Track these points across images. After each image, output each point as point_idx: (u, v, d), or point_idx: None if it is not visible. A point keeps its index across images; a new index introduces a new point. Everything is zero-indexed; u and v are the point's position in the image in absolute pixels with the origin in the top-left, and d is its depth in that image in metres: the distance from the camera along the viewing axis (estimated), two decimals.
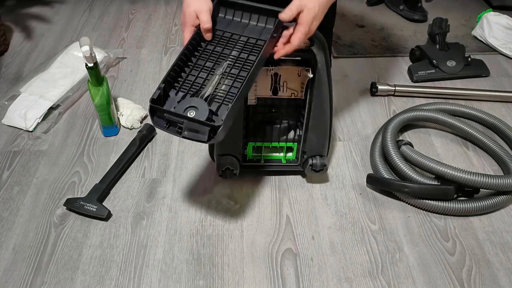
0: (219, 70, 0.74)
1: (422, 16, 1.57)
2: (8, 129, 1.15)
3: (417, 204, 0.93)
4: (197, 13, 0.78)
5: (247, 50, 0.76)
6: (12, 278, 0.83)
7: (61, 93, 1.21)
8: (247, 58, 0.75)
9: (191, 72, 0.75)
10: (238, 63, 0.75)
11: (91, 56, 0.98)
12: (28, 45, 1.48)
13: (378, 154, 1.02)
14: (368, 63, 1.38)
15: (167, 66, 1.36)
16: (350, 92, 1.26)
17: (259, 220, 0.92)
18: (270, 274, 0.83)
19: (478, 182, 0.88)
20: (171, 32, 1.54)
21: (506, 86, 1.28)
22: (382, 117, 1.17)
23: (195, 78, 0.74)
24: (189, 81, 0.74)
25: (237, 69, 0.74)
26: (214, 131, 0.67)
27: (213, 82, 0.73)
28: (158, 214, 0.94)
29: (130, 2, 1.72)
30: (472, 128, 1.04)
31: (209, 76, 0.74)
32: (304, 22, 0.73)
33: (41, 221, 0.93)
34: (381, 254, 0.86)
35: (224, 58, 0.76)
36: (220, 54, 0.76)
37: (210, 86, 0.73)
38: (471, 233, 0.90)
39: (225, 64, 0.75)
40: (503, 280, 0.82)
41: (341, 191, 0.98)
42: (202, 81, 0.74)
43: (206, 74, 0.74)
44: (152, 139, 1.11)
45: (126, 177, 1.02)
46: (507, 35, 1.42)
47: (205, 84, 0.73)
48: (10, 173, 1.03)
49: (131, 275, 0.83)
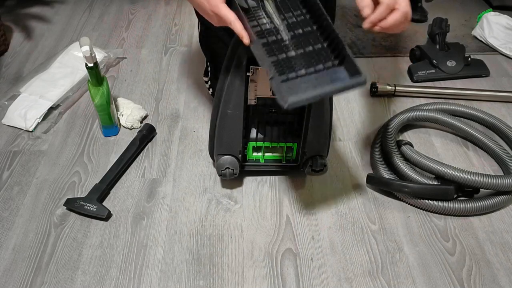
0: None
1: (422, 16, 1.57)
2: (8, 129, 1.15)
3: (417, 204, 0.93)
4: (213, 10, 0.70)
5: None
6: (12, 278, 0.83)
7: (61, 93, 1.21)
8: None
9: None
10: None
11: (91, 56, 0.98)
12: (28, 45, 1.48)
13: (378, 154, 1.02)
14: (368, 63, 1.38)
15: (167, 66, 1.37)
16: (350, 92, 1.26)
17: (259, 220, 0.92)
18: (270, 274, 0.83)
19: (478, 182, 0.88)
20: (171, 32, 1.54)
21: (506, 86, 1.28)
22: (382, 117, 1.17)
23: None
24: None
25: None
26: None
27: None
28: (158, 214, 0.94)
29: (130, 2, 1.72)
30: (472, 128, 1.04)
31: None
32: (401, 6, 0.68)
33: (41, 221, 0.93)
34: (381, 254, 0.86)
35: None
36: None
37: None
38: (471, 233, 0.90)
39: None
40: (503, 280, 0.82)
41: (341, 191, 0.98)
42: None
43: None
44: (152, 139, 1.11)
45: (126, 177, 1.02)
46: (507, 35, 1.42)
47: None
48: (10, 173, 1.03)
49: (131, 275, 0.83)
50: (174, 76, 1.33)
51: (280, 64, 0.70)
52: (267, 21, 0.73)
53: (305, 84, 0.69)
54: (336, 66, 0.70)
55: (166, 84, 1.30)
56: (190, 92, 1.26)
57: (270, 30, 0.73)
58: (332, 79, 0.69)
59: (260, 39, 0.71)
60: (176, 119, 1.17)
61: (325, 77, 0.69)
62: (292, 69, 0.69)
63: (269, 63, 0.69)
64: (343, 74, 0.69)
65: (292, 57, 0.71)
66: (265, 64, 0.69)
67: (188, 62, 1.39)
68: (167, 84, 1.29)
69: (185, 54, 1.42)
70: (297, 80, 0.69)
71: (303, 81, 0.69)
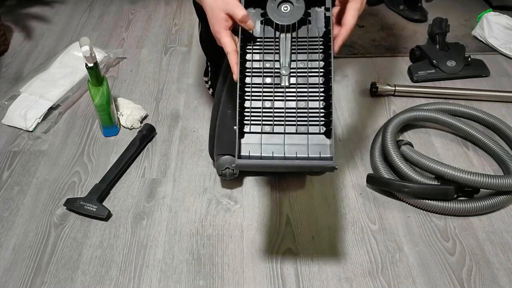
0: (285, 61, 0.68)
1: (422, 16, 1.57)
2: (8, 129, 1.15)
3: (417, 204, 0.93)
4: (225, 11, 0.66)
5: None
6: (12, 278, 0.83)
7: (61, 93, 1.21)
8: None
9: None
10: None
11: (91, 56, 0.98)
12: (28, 45, 1.48)
13: (378, 154, 1.02)
14: (368, 63, 1.38)
15: (167, 66, 1.37)
16: (350, 92, 1.26)
17: (259, 220, 0.92)
18: (270, 274, 0.83)
19: (478, 182, 0.88)
20: (171, 32, 1.54)
21: (506, 86, 1.28)
22: (382, 117, 1.17)
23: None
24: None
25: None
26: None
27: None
28: (158, 214, 0.94)
29: (130, 2, 1.72)
30: (472, 128, 1.04)
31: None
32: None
33: (41, 221, 0.93)
34: (381, 254, 0.86)
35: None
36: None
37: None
38: (471, 233, 0.90)
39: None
40: (503, 280, 0.82)
41: (341, 191, 0.98)
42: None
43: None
44: (152, 139, 1.11)
45: (126, 177, 1.02)
46: (507, 35, 1.42)
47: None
48: (10, 173, 1.03)
49: (131, 275, 0.83)
50: (174, 76, 1.33)
51: (260, 114, 0.66)
52: (273, 58, 0.69)
53: (274, 148, 0.65)
54: (319, 133, 0.66)
55: (166, 84, 1.30)
56: (190, 92, 1.26)
57: (271, 70, 0.68)
58: (309, 149, 0.64)
59: (255, 77, 0.68)
60: (176, 119, 1.17)
61: (301, 146, 0.65)
62: (271, 123, 0.66)
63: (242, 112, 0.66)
64: (318, 148, 0.65)
65: (279, 108, 0.66)
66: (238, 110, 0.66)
67: (188, 62, 1.39)
68: (167, 84, 1.29)
69: (185, 54, 1.42)
70: (269, 137, 0.65)
71: (275, 142, 0.65)
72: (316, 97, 0.67)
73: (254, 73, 0.68)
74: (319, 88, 0.67)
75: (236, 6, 0.66)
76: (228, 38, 0.67)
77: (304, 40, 0.69)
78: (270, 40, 0.70)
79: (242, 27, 0.67)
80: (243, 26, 0.66)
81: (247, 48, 0.69)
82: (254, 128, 0.66)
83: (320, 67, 0.68)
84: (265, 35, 0.70)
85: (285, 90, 0.68)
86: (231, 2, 0.66)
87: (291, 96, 0.67)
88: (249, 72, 0.68)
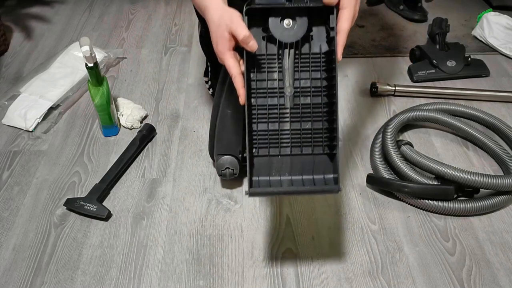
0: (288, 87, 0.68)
1: (422, 16, 1.57)
2: (8, 129, 1.15)
3: (417, 204, 0.93)
4: (228, 30, 0.65)
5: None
6: (12, 278, 0.83)
7: (61, 93, 1.21)
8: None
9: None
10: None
11: (91, 56, 0.98)
12: (28, 45, 1.48)
13: (378, 154, 1.02)
14: (368, 63, 1.38)
15: (167, 66, 1.37)
16: (350, 92, 1.26)
17: (259, 220, 0.92)
18: (270, 274, 0.83)
19: (478, 182, 0.88)
20: (171, 32, 1.54)
21: (506, 86, 1.28)
22: (382, 117, 1.17)
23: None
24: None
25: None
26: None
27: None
28: (158, 214, 0.94)
29: (130, 2, 1.72)
30: (472, 128, 1.04)
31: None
32: (348, 5, 0.65)
33: (41, 221, 0.93)
34: (381, 254, 0.86)
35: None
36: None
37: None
38: (471, 233, 0.90)
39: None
40: (503, 280, 0.82)
41: (341, 191, 0.98)
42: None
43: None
44: (152, 139, 1.11)
45: (126, 177, 1.02)
46: (507, 35, 1.42)
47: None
48: (10, 173, 1.03)
49: (131, 275, 0.83)
50: (174, 76, 1.33)
51: (267, 136, 0.67)
52: (277, 77, 0.68)
53: (281, 170, 0.66)
54: (323, 154, 0.67)
55: (166, 84, 1.30)
56: (190, 92, 1.26)
57: (275, 90, 0.68)
58: (314, 170, 0.66)
59: (260, 98, 0.68)
60: (176, 119, 1.17)
61: (306, 166, 0.66)
62: (277, 145, 0.67)
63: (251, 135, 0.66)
64: (323, 168, 0.66)
65: (284, 130, 0.67)
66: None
67: (188, 62, 1.39)
68: (167, 84, 1.29)
69: (185, 54, 1.42)
70: (276, 159, 0.67)
71: (282, 164, 0.66)
72: (320, 118, 0.68)
73: (258, 94, 0.68)
74: (322, 108, 0.68)
75: (239, 25, 0.64)
76: (232, 60, 0.66)
77: (306, 57, 0.69)
78: (273, 57, 0.69)
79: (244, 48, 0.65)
80: (245, 47, 0.65)
81: (251, 67, 0.69)
82: (262, 152, 0.67)
83: (323, 86, 0.69)
84: (267, 52, 0.69)
85: (289, 111, 0.68)
86: (235, 21, 0.64)
87: (296, 117, 0.68)
88: (254, 93, 0.68)
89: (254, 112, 0.68)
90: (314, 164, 0.67)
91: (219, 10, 0.67)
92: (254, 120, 0.68)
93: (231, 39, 0.66)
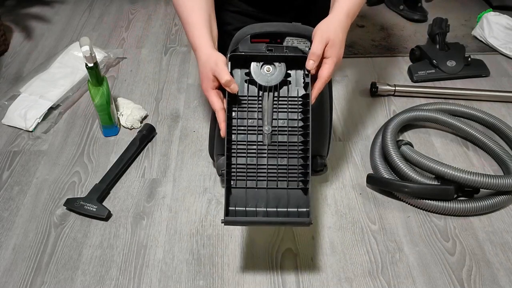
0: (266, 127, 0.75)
1: (422, 16, 1.57)
2: (8, 129, 1.15)
3: (417, 204, 0.93)
4: (213, 72, 0.73)
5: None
6: (12, 278, 0.83)
7: (61, 93, 1.21)
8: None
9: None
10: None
11: (91, 56, 0.98)
12: (28, 45, 1.48)
13: (378, 154, 1.02)
14: (368, 63, 1.38)
15: (167, 66, 1.37)
16: (350, 92, 1.26)
17: None
18: (270, 274, 0.83)
19: (478, 182, 0.88)
20: (171, 32, 1.54)
21: (506, 86, 1.28)
22: (382, 117, 1.17)
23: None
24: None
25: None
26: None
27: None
28: (158, 214, 0.94)
29: (130, 2, 1.72)
30: (472, 128, 1.04)
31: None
32: (333, 55, 0.71)
33: (41, 221, 0.93)
34: (381, 254, 0.86)
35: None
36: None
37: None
38: (471, 233, 0.90)
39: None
40: (503, 280, 0.82)
41: (341, 191, 0.98)
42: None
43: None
44: (152, 139, 1.11)
45: (126, 177, 1.02)
46: (507, 35, 1.42)
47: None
48: (10, 173, 1.03)
49: (131, 275, 0.83)
50: (174, 76, 1.33)
51: (245, 170, 0.73)
52: (257, 116, 0.75)
53: (257, 202, 0.72)
54: (298, 188, 0.73)
55: (166, 84, 1.30)
56: (190, 92, 1.26)
57: (255, 128, 0.75)
58: (288, 203, 0.72)
59: (240, 134, 0.74)
60: (176, 119, 1.17)
61: (281, 199, 0.72)
62: (254, 179, 0.73)
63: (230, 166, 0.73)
64: (297, 202, 0.72)
65: (262, 165, 0.73)
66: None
67: (188, 62, 1.39)
68: (167, 84, 1.30)
69: (185, 54, 1.42)
70: (253, 191, 0.73)
71: (258, 196, 0.72)
72: (295, 155, 0.74)
73: (239, 130, 0.75)
74: (298, 147, 0.75)
75: (222, 70, 0.71)
76: (215, 97, 0.74)
77: (284, 100, 0.76)
78: (253, 99, 0.76)
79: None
80: (227, 89, 0.72)
81: (233, 106, 0.75)
82: (240, 184, 0.73)
83: (299, 126, 0.75)
84: (249, 94, 0.76)
85: (267, 147, 0.74)
86: (219, 66, 0.71)
87: (273, 153, 0.74)
88: (235, 129, 0.75)
89: (234, 147, 0.74)
90: (288, 197, 0.73)
91: (207, 53, 0.75)
92: (234, 154, 0.74)
93: (214, 80, 0.73)
